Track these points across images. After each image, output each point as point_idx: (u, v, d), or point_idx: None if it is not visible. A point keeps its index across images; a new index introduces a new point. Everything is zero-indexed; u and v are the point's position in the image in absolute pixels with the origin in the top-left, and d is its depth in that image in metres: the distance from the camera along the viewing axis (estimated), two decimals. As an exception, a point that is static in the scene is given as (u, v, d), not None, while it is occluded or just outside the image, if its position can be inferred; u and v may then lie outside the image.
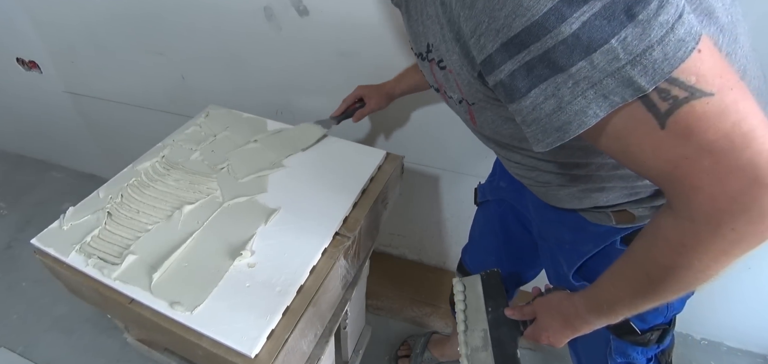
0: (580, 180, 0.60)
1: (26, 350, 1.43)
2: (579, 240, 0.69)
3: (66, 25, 1.48)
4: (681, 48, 0.34)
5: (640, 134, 0.38)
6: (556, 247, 0.77)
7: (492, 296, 0.81)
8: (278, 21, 1.19)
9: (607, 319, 0.57)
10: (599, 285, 0.56)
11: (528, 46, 0.37)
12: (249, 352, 0.61)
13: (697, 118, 0.35)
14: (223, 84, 1.42)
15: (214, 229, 0.80)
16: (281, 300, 0.68)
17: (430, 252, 1.63)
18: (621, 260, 0.52)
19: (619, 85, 0.36)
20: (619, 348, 0.74)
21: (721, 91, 0.35)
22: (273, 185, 0.89)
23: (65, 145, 2.02)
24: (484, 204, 1.00)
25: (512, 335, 0.75)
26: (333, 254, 0.77)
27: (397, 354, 1.41)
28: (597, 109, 0.37)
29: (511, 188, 0.88)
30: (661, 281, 0.46)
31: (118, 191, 0.87)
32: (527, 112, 0.41)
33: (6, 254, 1.75)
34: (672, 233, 0.42)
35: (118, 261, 0.73)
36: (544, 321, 0.69)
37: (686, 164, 0.37)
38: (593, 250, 0.67)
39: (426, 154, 1.34)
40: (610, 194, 0.60)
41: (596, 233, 0.66)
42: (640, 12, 0.34)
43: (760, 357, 1.42)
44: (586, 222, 0.67)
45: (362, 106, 1.05)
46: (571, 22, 0.35)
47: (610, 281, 0.54)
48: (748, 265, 1.22)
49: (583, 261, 0.70)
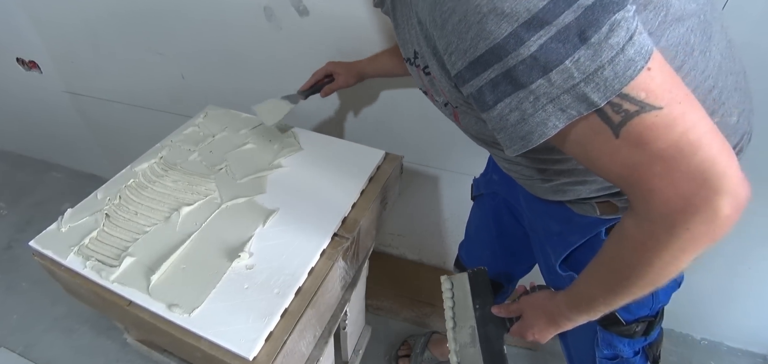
0: (562, 174, 0.63)
1: (26, 350, 1.43)
2: (566, 231, 0.71)
3: (66, 25, 1.48)
4: (630, 67, 0.38)
5: (598, 142, 0.42)
6: (544, 238, 0.79)
7: (479, 293, 0.83)
8: (278, 21, 1.19)
9: (587, 315, 0.60)
10: (577, 284, 0.60)
11: (492, 65, 0.41)
12: (247, 354, 0.61)
13: (647, 129, 0.39)
14: (222, 84, 1.42)
15: (212, 230, 0.79)
16: (280, 302, 0.68)
17: (430, 252, 1.62)
18: (594, 260, 0.55)
19: (574, 100, 0.40)
20: (606, 339, 0.76)
21: (669, 104, 0.38)
22: (271, 186, 0.89)
23: (65, 145, 2.02)
24: (479, 198, 1.02)
25: (499, 332, 0.77)
26: (332, 255, 0.77)
27: (397, 354, 1.41)
28: (556, 121, 0.41)
29: (503, 181, 0.89)
30: (629, 278, 0.50)
31: (116, 193, 0.87)
32: (495, 122, 0.45)
33: (6, 254, 1.75)
34: (634, 233, 0.46)
35: (117, 263, 0.73)
36: (529, 319, 0.72)
37: (641, 169, 0.41)
38: (580, 240, 0.70)
39: (426, 154, 1.34)
40: (591, 186, 0.62)
41: (582, 223, 0.68)
42: (591, 35, 0.37)
43: (760, 357, 1.42)
44: (572, 213, 0.68)
45: (331, 81, 1.04)
46: (530, 45, 0.39)
47: (586, 279, 0.58)
48: (748, 265, 1.22)
49: (569, 251, 0.72)
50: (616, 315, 0.72)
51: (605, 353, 0.78)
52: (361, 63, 1.04)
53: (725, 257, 1.22)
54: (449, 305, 0.85)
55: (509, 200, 0.91)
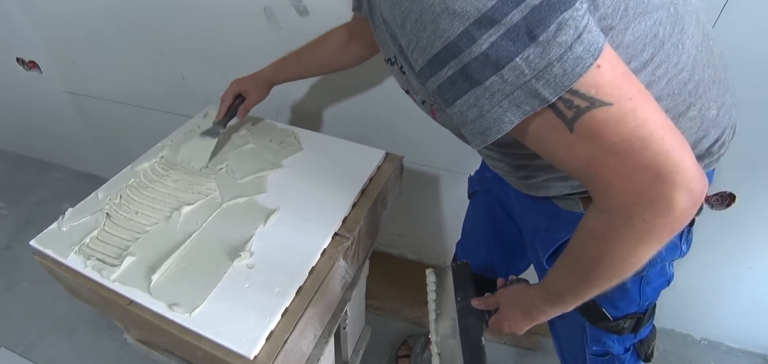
0: (542, 170, 0.64)
1: (26, 350, 1.43)
2: (554, 227, 0.72)
3: (66, 25, 1.48)
4: (579, 64, 0.39)
5: (554, 136, 0.43)
6: (534, 234, 0.80)
7: (461, 287, 0.84)
8: (278, 21, 1.19)
9: (559, 307, 0.62)
10: (548, 276, 0.61)
11: (448, 62, 0.43)
12: (248, 353, 0.61)
13: (598, 124, 0.40)
14: (223, 84, 1.40)
15: (213, 230, 0.79)
16: (280, 301, 0.68)
17: (430, 252, 1.62)
18: (563, 253, 0.57)
19: (527, 96, 0.41)
20: (595, 336, 0.77)
21: (619, 100, 0.39)
22: (272, 186, 0.89)
23: (65, 145, 2.02)
24: (474, 196, 1.02)
25: (478, 325, 0.79)
26: (332, 255, 0.77)
27: (397, 354, 1.41)
28: (512, 116, 0.42)
29: (495, 178, 0.90)
30: (594, 270, 0.51)
31: (117, 192, 0.87)
32: (457, 118, 0.47)
33: (6, 254, 1.75)
34: (595, 225, 0.48)
35: (117, 262, 0.73)
36: (505, 311, 0.74)
37: (596, 163, 0.42)
38: (566, 236, 0.70)
39: (426, 154, 1.34)
40: (572, 182, 0.63)
41: (568, 219, 0.68)
42: (540, 34, 0.38)
43: (760, 357, 1.42)
44: (559, 209, 0.69)
45: (242, 100, 1.00)
46: (481, 43, 0.40)
47: (555, 272, 0.59)
48: (748, 264, 1.22)
49: (556, 247, 0.73)
50: (603, 311, 0.73)
51: (594, 350, 0.79)
52: (268, 71, 1.00)
53: (725, 256, 1.22)
54: (433, 298, 0.87)
55: (502, 198, 0.92)
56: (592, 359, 0.80)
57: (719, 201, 1.12)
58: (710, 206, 1.13)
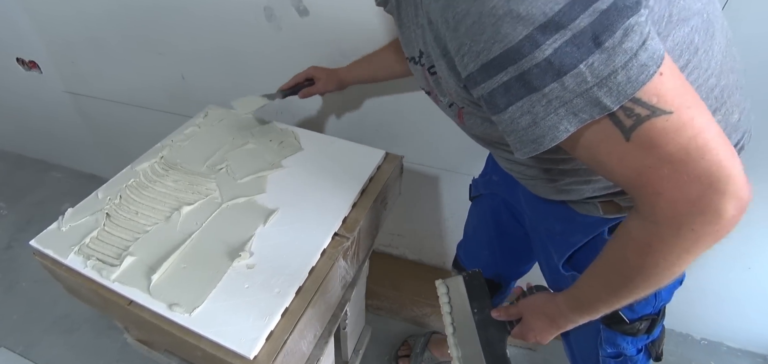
0: (566, 174, 0.63)
1: (26, 350, 1.43)
2: (569, 231, 0.71)
3: (66, 25, 1.48)
4: (643, 72, 0.38)
5: (608, 146, 0.42)
6: (546, 238, 0.79)
7: (476, 297, 0.81)
8: (278, 21, 1.19)
9: (588, 316, 0.61)
10: (579, 285, 0.60)
11: (505, 68, 0.41)
12: (248, 353, 0.61)
13: (657, 133, 0.39)
14: (223, 84, 1.42)
15: (212, 230, 0.79)
16: (280, 301, 0.68)
17: (430, 252, 1.62)
18: (597, 261, 0.56)
19: (587, 104, 0.40)
20: (609, 338, 0.76)
21: (679, 109, 0.39)
22: (272, 186, 0.89)
23: (65, 145, 2.02)
24: (478, 199, 1.02)
25: (501, 336, 0.76)
26: (332, 255, 0.77)
27: (397, 354, 1.41)
28: (567, 125, 0.41)
29: (504, 181, 0.89)
30: (633, 279, 0.50)
31: (116, 192, 0.87)
32: (506, 125, 0.45)
33: (6, 254, 1.75)
34: (639, 235, 0.47)
35: (117, 262, 0.73)
36: (530, 321, 0.72)
37: (649, 172, 0.41)
38: (582, 240, 0.70)
39: (426, 155, 1.34)
40: (595, 185, 0.62)
41: (585, 223, 0.68)
42: (606, 40, 0.38)
43: (760, 357, 1.42)
44: (575, 213, 0.69)
45: (311, 84, 1.05)
46: (544, 49, 0.39)
47: (588, 280, 0.58)
48: (748, 265, 1.22)
49: (572, 251, 0.72)
50: (620, 314, 0.72)
51: (609, 352, 0.78)
52: (342, 70, 1.05)
53: (725, 257, 1.22)
54: (447, 311, 0.83)
55: (509, 201, 0.91)
56: (606, 360, 0.80)
57: (719, 201, 1.12)
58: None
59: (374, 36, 1.12)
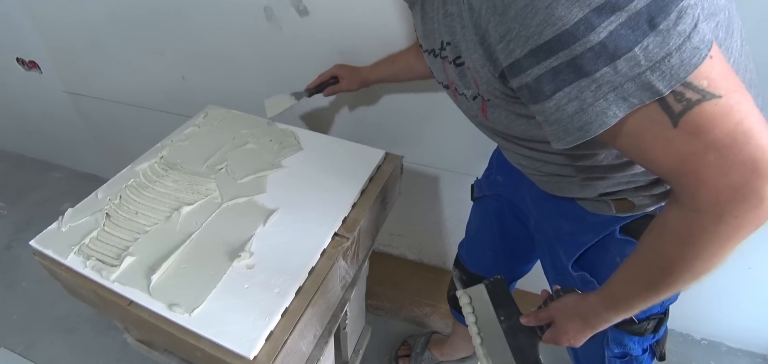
0: (584, 170, 0.62)
1: (26, 350, 1.43)
2: (578, 231, 0.71)
3: (66, 25, 1.48)
4: (696, 55, 0.37)
5: (654, 132, 0.41)
6: (554, 238, 0.78)
7: (501, 304, 0.79)
8: (278, 21, 1.19)
9: (624, 314, 0.59)
10: (614, 283, 0.58)
11: (556, 52, 0.40)
12: (248, 353, 0.61)
13: (706, 118, 0.38)
14: (223, 84, 1.42)
15: (212, 230, 0.79)
16: (280, 301, 0.68)
17: (430, 252, 1.62)
18: (633, 256, 0.54)
19: (638, 88, 0.39)
20: (617, 338, 0.76)
21: (727, 93, 0.38)
22: (272, 186, 0.89)
23: (65, 145, 2.02)
24: (481, 199, 1.01)
25: (532, 342, 0.74)
26: (332, 255, 0.77)
27: (397, 354, 1.41)
28: (616, 110, 0.40)
29: (509, 181, 0.88)
30: (673, 272, 0.49)
31: (116, 193, 0.87)
32: (550, 113, 0.44)
33: (6, 254, 1.75)
34: (680, 225, 0.46)
35: (117, 263, 0.73)
36: (563, 324, 0.69)
37: (693, 160, 0.40)
38: (592, 240, 0.69)
39: (426, 154, 1.34)
40: (610, 181, 0.62)
41: (595, 222, 0.67)
42: (661, 22, 0.37)
43: (760, 357, 1.42)
44: (585, 212, 0.68)
45: (335, 83, 1.08)
46: (599, 31, 0.38)
47: (624, 277, 0.57)
48: (748, 265, 1.22)
49: (582, 251, 0.71)
50: None
51: (615, 352, 0.78)
52: (365, 69, 1.07)
53: (725, 257, 1.22)
54: (472, 321, 0.80)
55: (513, 201, 0.90)
56: (612, 360, 0.79)
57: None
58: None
59: (374, 36, 1.12)
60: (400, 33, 1.09)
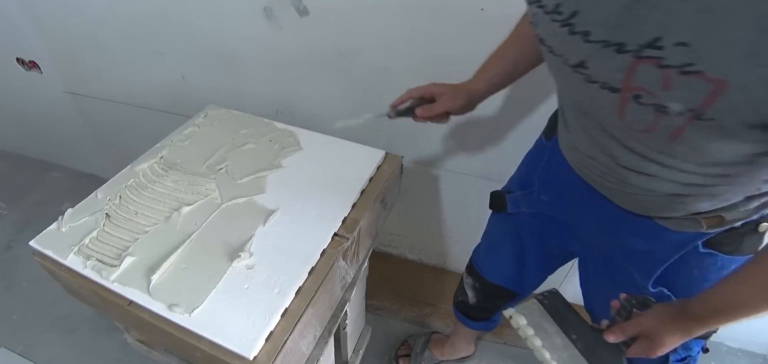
0: (701, 189, 0.57)
1: (26, 350, 1.43)
2: (656, 249, 0.67)
3: (66, 25, 1.48)
4: None
5: None
6: (622, 257, 0.74)
7: (566, 320, 0.73)
8: (278, 21, 1.19)
9: (728, 322, 0.57)
10: (725, 291, 0.57)
11: None
12: (248, 354, 0.61)
13: None
14: (222, 84, 1.42)
15: (212, 230, 0.79)
16: (280, 301, 0.68)
17: (430, 252, 1.63)
18: (753, 268, 0.53)
19: None
20: (686, 343, 0.71)
21: None
22: (271, 186, 0.89)
23: (65, 145, 2.02)
24: (513, 214, 0.94)
25: (618, 359, 0.68)
26: (332, 255, 0.77)
27: (397, 354, 1.41)
28: None
29: (557, 201, 0.83)
30: None
31: (116, 193, 0.87)
32: None
33: (6, 254, 1.75)
34: None
35: (117, 263, 0.73)
36: (661, 336, 0.65)
37: None
38: (674, 256, 0.66)
39: (426, 154, 1.34)
40: (715, 201, 0.58)
41: (676, 240, 0.64)
42: None
43: (760, 357, 1.42)
44: (663, 230, 0.65)
45: (432, 102, 0.83)
46: None
47: (736, 287, 0.56)
48: (748, 265, 1.22)
49: (663, 268, 0.68)
50: None
51: (681, 355, 0.76)
52: (469, 83, 0.83)
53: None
54: (539, 344, 0.72)
55: (560, 219, 0.84)
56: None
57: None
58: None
59: (374, 36, 1.12)
60: (401, 33, 1.09)
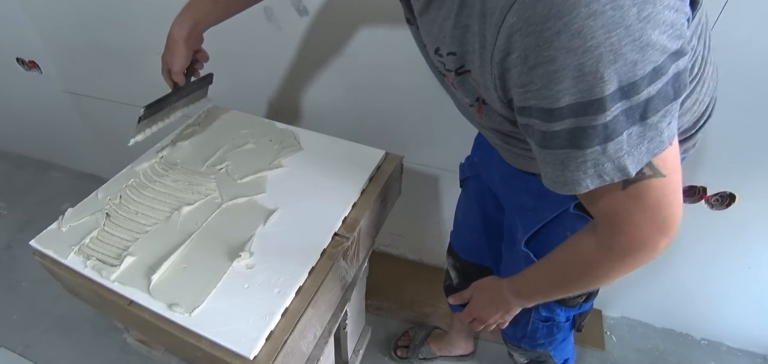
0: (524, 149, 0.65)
1: (26, 350, 1.43)
2: (540, 206, 0.75)
3: (66, 25, 1.48)
4: (662, 145, 0.43)
5: (604, 190, 0.46)
6: (517, 214, 0.82)
7: None
8: (278, 21, 1.19)
9: (525, 302, 0.74)
10: (525, 275, 0.70)
11: (563, 119, 0.42)
12: (248, 353, 0.61)
13: (648, 189, 0.45)
14: (222, 84, 1.41)
15: (212, 230, 0.79)
16: (280, 301, 0.68)
17: (430, 252, 1.63)
18: (546, 260, 0.65)
19: (614, 168, 0.43)
20: (547, 304, 0.86)
21: (671, 173, 0.45)
22: (272, 186, 0.89)
23: (65, 145, 2.02)
24: (465, 183, 1.04)
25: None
26: (332, 255, 0.77)
27: (397, 344, 1.42)
28: (590, 182, 0.45)
29: (483, 161, 0.93)
30: (575, 283, 0.61)
31: (116, 192, 0.87)
32: (536, 153, 0.49)
33: (6, 254, 1.75)
34: (590, 253, 0.56)
35: (117, 262, 0.73)
36: (475, 298, 0.83)
37: (625, 215, 0.48)
38: (551, 215, 0.74)
39: (426, 154, 1.34)
40: None
41: (555, 199, 0.70)
42: (650, 116, 0.41)
43: (760, 357, 1.42)
44: (547, 189, 0.70)
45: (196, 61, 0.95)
46: (607, 114, 0.40)
47: (534, 272, 0.68)
48: (748, 264, 1.22)
49: (539, 226, 0.76)
50: None
51: (543, 315, 0.88)
52: (177, 30, 0.90)
53: (725, 256, 1.22)
54: None
55: (488, 181, 0.93)
56: (536, 322, 0.89)
57: (719, 201, 1.12)
58: (710, 206, 1.13)
59: (374, 36, 1.12)
60: (401, 33, 1.09)
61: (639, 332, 1.48)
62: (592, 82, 0.39)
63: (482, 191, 0.98)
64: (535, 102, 0.43)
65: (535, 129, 0.45)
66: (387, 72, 1.18)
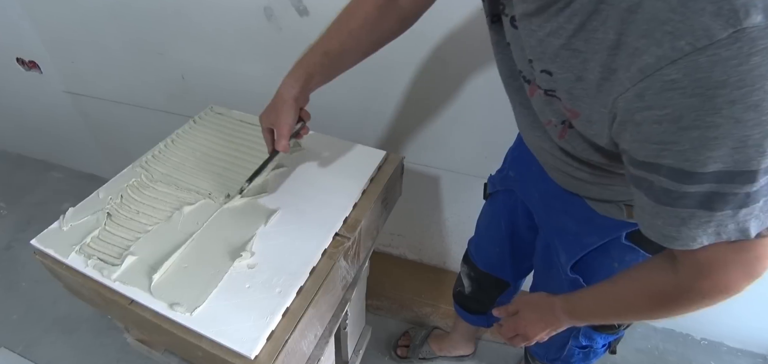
0: (618, 177, 0.61)
1: (26, 350, 1.43)
2: (584, 232, 0.71)
3: (66, 25, 1.48)
4: None
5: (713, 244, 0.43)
6: (556, 236, 0.79)
7: None
8: (278, 21, 1.19)
9: (578, 323, 0.70)
10: (581, 296, 0.66)
11: (702, 183, 0.39)
12: (249, 353, 0.61)
13: (758, 246, 0.43)
14: (223, 84, 1.42)
15: (213, 230, 0.79)
16: (281, 301, 0.68)
17: (430, 252, 1.63)
18: (609, 283, 0.60)
19: (736, 230, 0.41)
20: (588, 333, 0.83)
21: None
22: (273, 186, 0.89)
23: (65, 145, 2.02)
24: (493, 196, 1.01)
25: None
26: (333, 255, 0.77)
27: (397, 343, 1.42)
28: (706, 240, 0.42)
29: (519, 177, 0.89)
30: (638, 313, 0.58)
31: (117, 192, 0.87)
32: (644, 207, 0.45)
33: (6, 254, 1.75)
34: (665, 291, 0.53)
35: (118, 262, 0.73)
36: (523, 314, 0.78)
37: (720, 264, 0.45)
38: (597, 242, 0.70)
39: (426, 154, 1.34)
40: (616, 191, 0.63)
41: (603, 226, 0.67)
42: None
43: (760, 357, 1.42)
44: (593, 213, 0.68)
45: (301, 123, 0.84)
46: (755, 185, 0.38)
47: (594, 295, 0.64)
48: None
49: (584, 253, 0.72)
50: None
51: (583, 343, 0.84)
52: (288, 90, 0.80)
53: (725, 257, 1.22)
54: None
55: (524, 198, 0.90)
56: (573, 350, 0.85)
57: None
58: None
59: (375, 36, 1.12)
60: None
61: (639, 332, 1.48)
62: (752, 155, 0.36)
63: (513, 207, 0.94)
64: (673, 162, 0.39)
65: (657, 186, 0.42)
66: (388, 72, 1.18)
